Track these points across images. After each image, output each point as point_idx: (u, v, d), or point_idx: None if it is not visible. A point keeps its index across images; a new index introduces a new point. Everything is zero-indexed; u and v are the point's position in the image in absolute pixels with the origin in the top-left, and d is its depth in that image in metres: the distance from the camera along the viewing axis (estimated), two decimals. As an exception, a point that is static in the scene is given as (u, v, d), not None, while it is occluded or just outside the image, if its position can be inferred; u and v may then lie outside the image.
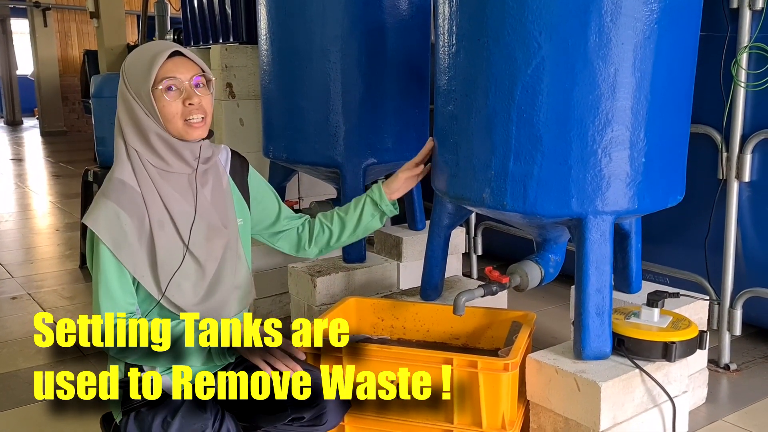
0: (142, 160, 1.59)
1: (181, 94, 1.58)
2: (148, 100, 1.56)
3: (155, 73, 1.55)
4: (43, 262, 4.47)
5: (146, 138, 1.58)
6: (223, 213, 1.73)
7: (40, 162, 9.91)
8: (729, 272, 2.59)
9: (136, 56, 1.62)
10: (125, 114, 1.59)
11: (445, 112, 2.00)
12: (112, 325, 1.52)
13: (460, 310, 1.89)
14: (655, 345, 1.80)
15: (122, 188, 1.57)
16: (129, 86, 1.58)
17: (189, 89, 1.58)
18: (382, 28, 2.72)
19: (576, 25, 1.70)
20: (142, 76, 1.55)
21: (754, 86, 2.50)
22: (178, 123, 1.58)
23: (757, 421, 2.27)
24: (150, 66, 1.55)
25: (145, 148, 1.59)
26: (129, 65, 1.61)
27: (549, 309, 3.30)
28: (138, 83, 1.56)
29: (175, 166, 1.62)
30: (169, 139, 1.59)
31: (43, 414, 2.39)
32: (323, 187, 3.85)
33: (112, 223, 1.54)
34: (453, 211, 2.23)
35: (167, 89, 1.56)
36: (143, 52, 1.61)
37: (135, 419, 1.65)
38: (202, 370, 1.71)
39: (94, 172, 4.01)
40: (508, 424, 1.76)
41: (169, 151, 1.60)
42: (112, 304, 1.55)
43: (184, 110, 1.58)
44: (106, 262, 1.54)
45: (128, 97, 1.58)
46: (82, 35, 15.16)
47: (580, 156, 1.76)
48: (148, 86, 1.55)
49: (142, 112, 1.57)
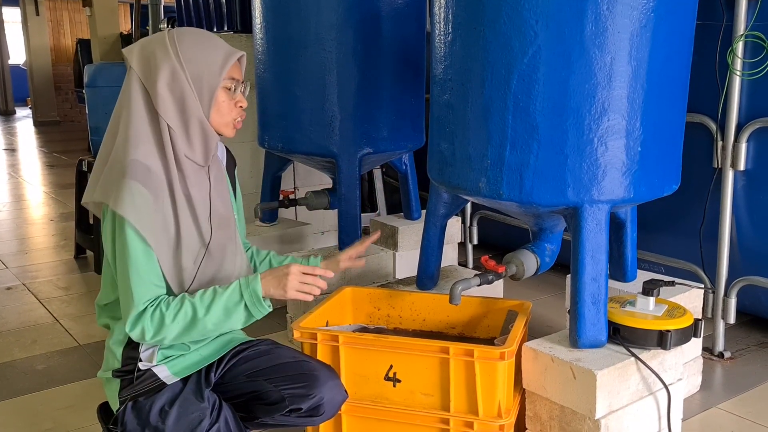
0: (173, 139, 1.59)
1: (235, 95, 1.65)
2: (210, 91, 1.59)
3: (227, 70, 1.61)
4: (38, 253, 4.45)
5: (186, 120, 1.59)
6: (226, 204, 1.75)
7: (34, 152, 9.86)
8: (724, 261, 2.60)
9: (201, 43, 1.62)
10: (168, 90, 1.57)
11: (441, 101, 1.99)
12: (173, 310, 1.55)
13: (456, 299, 1.90)
14: (651, 333, 1.80)
15: (147, 173, 1.55)
16: (186, 68, 1.57)
17: (241, 94, 1.67)
18: (377, 16, 2.71)
19: (572, 13, 1.70)
20: (212, 67, 1.59)
21: (749, 75, 2.50)
22: (229, 121, 1.66)
23: (751, 408, 2.29)
24: (224, 61, 1.60)
25: (181, 129, 1.59)
26: (190, 48, 1.59)
27: (545, 298, 3.31)
28: (202, 71, 1.58)
29: (198, 156, 1.64)
30: (208, 129, 1.62)
31: (39, 404, 2.40)
32: (319, 177, 3.85)
33: (138, 204, 1.52)
34: (449, 201, 2.23)
35: (232, 89, 1.64)
36: (209, 41, 1.63)
37: (133, 408, 1.65)
38: (200, 360, 1.72)
39: (89, 162, 3.99)
40: (505, 412, 1.77)
41: (201, 140, 1.62)
42: (145, 289, 1.54)
43: (235, 111, 1.66)
44: (133, 245, 1.52)
45: (180, 76, 1.57)
46: (75, 24, 15.05)
47: (577, 145, 1.76)
48: (218, 80, 1.60)
49: (192, 95, 1.58)
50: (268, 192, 3.26)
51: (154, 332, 1.55)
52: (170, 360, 1.68)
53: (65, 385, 2.54)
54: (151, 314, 1.54)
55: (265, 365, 1.73)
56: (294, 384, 1.67)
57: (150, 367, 1.66)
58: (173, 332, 1.56)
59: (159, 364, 1.66)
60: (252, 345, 1.80)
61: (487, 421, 1.76)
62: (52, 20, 14.71)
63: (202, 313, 1.55)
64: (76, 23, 15.01)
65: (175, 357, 1.69)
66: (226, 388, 1.73)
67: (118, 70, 4.02)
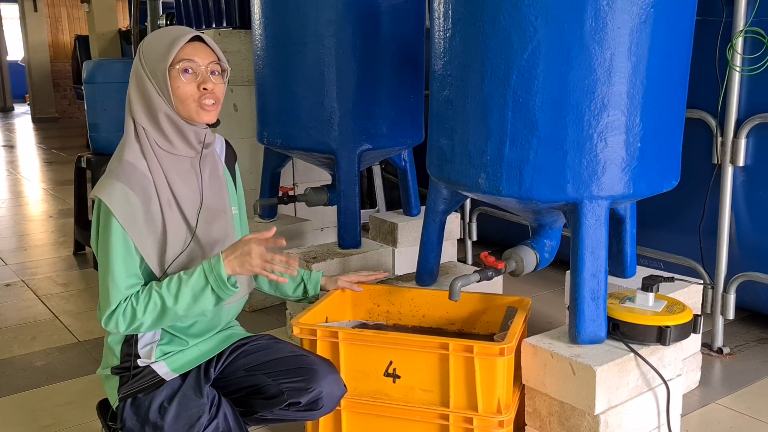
0: (150, 140, 1.60)
1: (196, 77, 1.60)
2: (162, 79, 1.57)
3: (174, 53, 1.57)
4: (37, 249, 4.45)
5: (155, 117, 1.59)
6: (220, 198, 1.74)
7: (32, 148, 9.85)
8: (723, 257, 2.60)
9: (157, 36, 1.63)
10: (137, 92, 1.60)
11: (441, 97, 1.99)
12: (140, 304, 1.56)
13: (455, 295, 1.90)
14: (650, 329, 1.80)
15: (132, 171, 1.57)
16: (145, 64, 1.59)
17: (205, 74, 1.61)
18: (376, 12, 2.70)
19: (572, 9, 1.69)
20: (160, 54, 1.57)
21: (749, 71, 2.50)
22: (191, 104, 1.60)
23: (750, 404, 2.30)
24: (170, 46, 1.57)
25: (152, 128, 1.60)
26: (148, 44, 1.61)
27: (544, 294, 3.31)
28: (155, 62, 1.57)
29: (180, 149, 1.63)
30: (177, 121, 1.60)
31: (38, 401, 2.40)
32: (318, 173, 3.84)
33: (122, 202, 1.54)
34: (448, 197, 2.23)
35: (184, 71, 1.58)
36: (164, 33, 1.63)
37: (132, 405, 1.65)
38: (199, 356, 1.72)
39: (87, 159, 3.99)
40: (504, 408, 1.77)
41: (175, 133, 1.61)
42: (118, 293, 1.56)
43: (198, 93, 1.60)
44: (115, 240, 1.55)
45: (142, 75, 1.59)
46: (73, 20, 15.01)
47: (576, 141, 1.76)
48: (165, 65, 1.56)
49: (154, 91, 1.58)
50: (267, 188, 3.25)
51: (127, 325, 1.57)
52: (169, 356, 1.68)
53: (64, 382, 2.54)
54: (123, 310, 1.56)
55: (264, 359, 1.73)
56: (293, 378, 1.67)
57: (149, 363, 1.66)
58: (146, 323, 1.58)
59: (158, 361, 1.67)
60: (252, 340, 1.80)
61: (486, 417, 1.76)
62: (50, 16, 14.66)
63: (171, 302, 1.57)
64: (75, 19, 14.97)
65: (174, 353, 1.69)
66: (226, 382, 1.73)
67: (117, 66, 4.01)
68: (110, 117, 3.91)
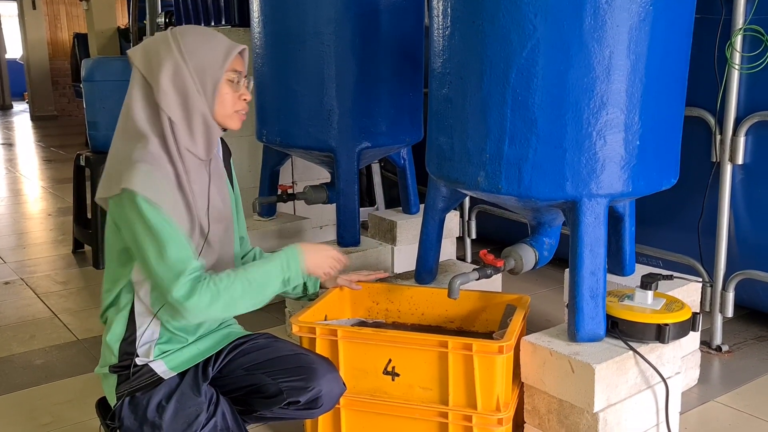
0: (175, 133, 1.60)
1: (239, 87, 1.67)
2: (212, 85, 1.61)
3: (229, 63, 1.62)
4: (36, 247, 4.45)
5: (189, 114, 1.60)
6: (225, 197, 1.76)
7: (31, 146, 9.84)
8: (722, 255, 2.60)
9: (204, 37, 1.64)
10: (171, 84, 1.58)
11: (440, 95, 1.99)
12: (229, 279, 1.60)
13: (454, 293, 1.90)
14: (649, 327, 1.81)
15: (155, 161, 1.57)
16: (188, 60, 1.58)
17: (244, 85, 1.69)
18: (375, 10, 2.70)
19: (571, 6, 1.69)
20: (214, 60, 1.61)
21: (748, 69, 2.50)
22: (230, 112, 1.66)
23: (749, 402, 2.30)
24: (226, 54, 1.62)
25: (183, 122, 1.60)
26: (193, 43, 1.60)
27: (543, 292, 3.31)
28: (205, 65, 1.60)
29: (200, 149, 1.64)
30: (212, 123, 1.64)
31: (37, 399, 2.40)
32: (317, 171, 3.84)
33: (153, 181, 1.54)
34: (447, 195, 2.22)
35: (231, 81, 1.65)
36: (212, 37, 1.65)
37: (129, 404, 1.65)
38: (197, 354, 1.72)
39: (86, 157, 3.98)
40: (503, 405, 1.77)
41: (203, 133, 1.63)
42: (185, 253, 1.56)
43: (239, 103, 1.67)
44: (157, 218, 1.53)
45: (183, 71, 1.58)
46: (72, 18, 14.98)
47: (575, 139, 1.76)
48: (220, 74, 1.61)
49: (194, 90, 1.59)
50: (267, 186, 3.25)
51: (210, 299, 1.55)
52: (167, 355, 1.68)
53: (64, 380, 2.54)
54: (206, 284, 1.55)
55: (264, 358, 1.73)
56: (292, 377, 1.67)
57: (147, 362, 1.66)
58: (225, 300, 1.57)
59: (156, 359, 1.66)
60: (250, 339, 1.80)
61: (485, 415, 1.76)
62: (48, 14, 14.63)
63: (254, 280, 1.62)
64: (73, 17, 14.94)
65: (172, 352, 1.69)
66: (225, 381, 1.73)
67: (116, 64, 4.00)
68: (109, 115, 3.90)
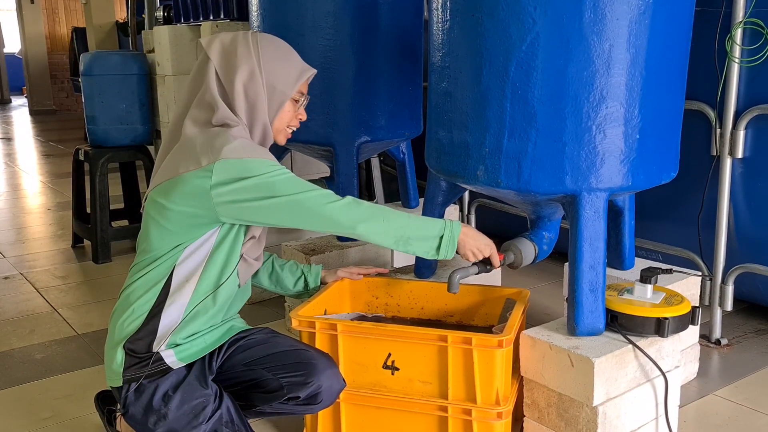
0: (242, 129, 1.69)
1: (299, 108, 1.79)
2: (280, 100, 1.71)
3: (300, 84, 1.74)
4: (35, 242, 4.45)
5: (252, 120, 1.69)
6: None
7: (30, 141, 9.82)
8: (721, 248, 2.60)
9: (281, 53, 1.73)
10: (243, 87, 1.66)
11: (439, 89, 1.98)
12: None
13: (454, 287, 1.90)
14: (648, 321, 1.81)
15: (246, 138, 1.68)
16: (264, 74, 1.67)
17: (303, 106, 1.80)
18: (374, 3, 2.69)
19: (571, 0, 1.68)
20: (287, 79, 1.71)
21: (748, 62, 2.50)
22: (284, 127, 1.78)
23: (748, 395, 2.30)
24: (299, 76, 1.73)
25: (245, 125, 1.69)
26: (271, 55, 1.69)
27: (542, 286, 3.32)
28: (277, 81, 1.69)
29: None
30: (269, 134, 1.74)
31: (37, 393, 2.40)
32: (316, 166, 3.84)
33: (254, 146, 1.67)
34: (447, 189, 2.22)
35: (296, 101, 1.76)
36: (290, 53, 1.75)
37: (135, 391, 1.66)
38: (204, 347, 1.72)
39: (85, 151, 3.97)
40: (502, 399, 1.77)
41: (259, 139, 1.73)
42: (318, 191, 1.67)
43: (294, 121, 1.80)
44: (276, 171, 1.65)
45: (258, 79, 1.66)
46: (70, 12, 14.93)
47: (575, 133, 1.75)
48: (291, 92, 1.72)
49: (262, 99, 1.68)
50: (266, 181, 3.24)
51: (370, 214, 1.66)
52: (178, 345, 1.69)
53: (63, 374, 2.54)
54: (368, 204, 1.68)
55: (264, 354, 1.73)
56: (292, 372, 1.67)
57: (158, 350, 1.66)
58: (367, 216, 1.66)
59: (167, 349, 1.67)
60: (250, 334, 1.80)
61: (485, 409, 1.77)
62: (47, 8, 14.58)
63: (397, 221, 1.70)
64: (72, 11, 14.89)
65: (182, 344, 1.69)
66: (225, 376, 1.74)
67: (114, 58, 3.99)
68: (108, 109, 3.89)
